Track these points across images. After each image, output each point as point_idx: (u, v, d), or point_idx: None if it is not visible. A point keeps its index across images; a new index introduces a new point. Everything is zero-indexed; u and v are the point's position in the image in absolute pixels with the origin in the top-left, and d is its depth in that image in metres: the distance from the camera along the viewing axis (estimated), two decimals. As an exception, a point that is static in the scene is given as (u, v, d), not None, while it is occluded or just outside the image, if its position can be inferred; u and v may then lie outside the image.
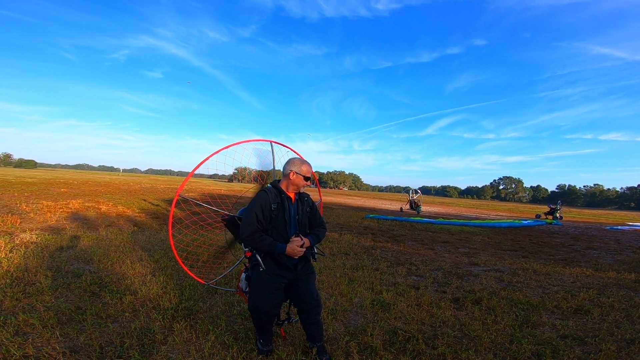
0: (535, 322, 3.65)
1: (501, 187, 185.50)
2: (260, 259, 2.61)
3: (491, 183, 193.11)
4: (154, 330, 3.07)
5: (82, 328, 3.05)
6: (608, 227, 18.45)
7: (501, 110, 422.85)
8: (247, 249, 2.73)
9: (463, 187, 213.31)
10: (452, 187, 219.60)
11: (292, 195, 2.78)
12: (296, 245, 2.58)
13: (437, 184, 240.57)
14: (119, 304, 3.65)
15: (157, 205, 15.16)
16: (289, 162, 2.78)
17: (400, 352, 2.92)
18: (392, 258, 6.85)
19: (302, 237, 2.67)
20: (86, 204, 12.69)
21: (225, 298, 4.01)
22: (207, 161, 3.49)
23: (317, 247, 2.87)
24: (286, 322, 3.01)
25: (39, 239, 6.39)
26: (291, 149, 4.20)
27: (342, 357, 2.80)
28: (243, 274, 2.93)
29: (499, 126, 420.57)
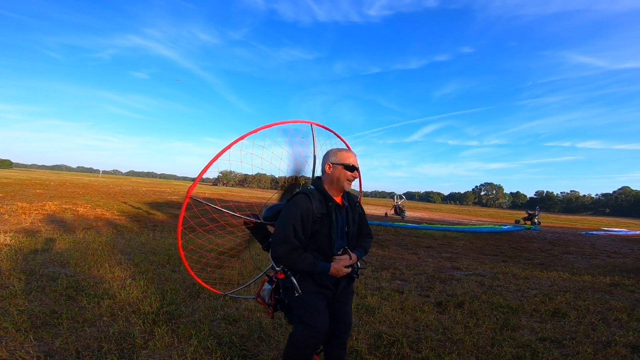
0: (514, 325, 3.73)
1: (483, 193, 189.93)
2: (295, 282, 2.05)
3: (473, 189, 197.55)
4: (133, 335, 2.98)
5: (57, 332, 2.93)
6: (584, 232, 19.11)
7: (485, 118, 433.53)
8: (279, 269, 2.13)
9: (446, 193, 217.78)
10: (436, 192, 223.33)
11: (339, 200, 2.18)
12: (343, 265, 2.06)
13: (421, 189, 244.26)
14: (96, 308, 3.53)
15: (138, 208, 14.81)
16: (325, 156, 2.23)
17: (385, 355, 2.93)
18: (377, 263, 6.89)
19: (350, 253, 2.12)
20: (63, 206, 12.29)
21: (209, 302, 3.94)
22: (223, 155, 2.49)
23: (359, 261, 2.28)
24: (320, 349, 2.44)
25: (13, 241, 6.13)
26: (335, 133, 3.21)
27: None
28: (267, 284, 2.41)
29: (482, 133, 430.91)
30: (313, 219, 2.01)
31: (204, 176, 2.69)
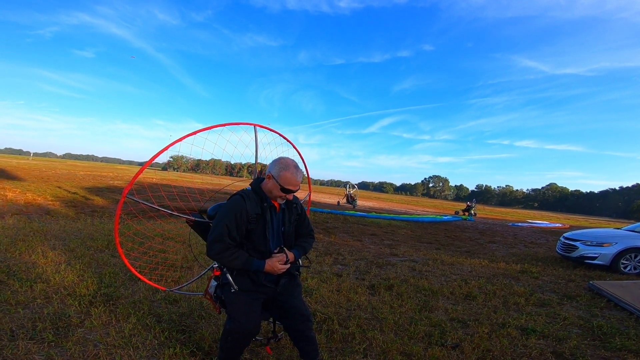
0: (432, 307, 4.20)
1: (431, 185, 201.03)
2: (231, 279, 2.16)
3: (422, 181, 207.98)
4: (69, 315, 3.05)
5: (-12, 315, 2.91)
6: (511, 224, 21.26)
7: (437, 114, 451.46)
8: (215, 266, 2.29)
9: (398, 184, 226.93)
10: (389, 183, 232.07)
11: (275, 201, 2.26)
12: (277, 262, 2.16)
13: (376, 180, 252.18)
14: (29, 291, 3.51)
15: (74, 193, 13.90)
16: (273, 162, 2.23)
17: (316, 330, 3.22)
18: (322, 248, 7.28)
19: (287, 251, 2.23)
20: (-12, 184, 11.20)
21: (150, 285, 4.02)
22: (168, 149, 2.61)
23: (301, 259, 2.42)
24: (272, 340, 2.64)
25: None
26: (285, 138, 3.46)
27: (262, 335, 3.05)
28: (213, 280, 2.45)
29: (434, 128, 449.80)
30: (248, 219, 2.11)
31: (156, 160, 2.70)
